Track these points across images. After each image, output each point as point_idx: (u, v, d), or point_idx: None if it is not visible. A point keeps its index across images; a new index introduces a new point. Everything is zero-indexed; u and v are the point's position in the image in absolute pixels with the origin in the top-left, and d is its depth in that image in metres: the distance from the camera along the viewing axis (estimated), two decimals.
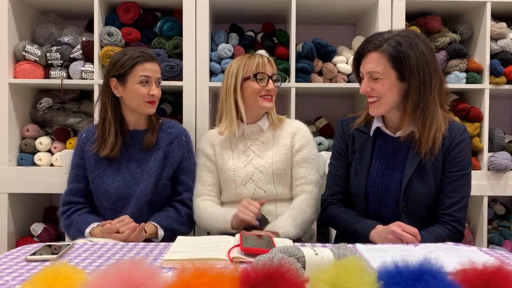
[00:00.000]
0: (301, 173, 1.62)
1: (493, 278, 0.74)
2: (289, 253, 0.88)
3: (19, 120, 2.15)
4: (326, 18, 2.37)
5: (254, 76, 1.60)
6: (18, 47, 2.08)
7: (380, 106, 1.35)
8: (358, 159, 1.43)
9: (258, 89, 1.60)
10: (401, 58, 1.28)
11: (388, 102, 1.33)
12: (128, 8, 2.09)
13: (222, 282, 0.68)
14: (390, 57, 1.29)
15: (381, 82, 1.31)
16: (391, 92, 1.32)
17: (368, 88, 1.34)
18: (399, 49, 1.28)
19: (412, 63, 1.27)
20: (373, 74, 1.32)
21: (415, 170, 1.34)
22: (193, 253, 1.02)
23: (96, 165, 1.62)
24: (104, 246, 1.14)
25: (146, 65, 1.59)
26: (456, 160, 1.35)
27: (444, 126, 1.34)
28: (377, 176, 1.40)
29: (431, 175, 1.35)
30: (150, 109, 1.62)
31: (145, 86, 1.59)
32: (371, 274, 0.74)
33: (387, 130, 1.41)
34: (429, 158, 1.33)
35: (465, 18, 2.27)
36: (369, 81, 1.34)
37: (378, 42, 1.32)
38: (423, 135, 1.31)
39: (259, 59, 1.62)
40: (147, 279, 0.69)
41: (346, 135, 1.50)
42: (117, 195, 1.59)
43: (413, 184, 1.34)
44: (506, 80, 2.11)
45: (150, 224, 1.54)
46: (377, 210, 1.40)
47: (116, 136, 1.60)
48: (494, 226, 2.34)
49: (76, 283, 0.73)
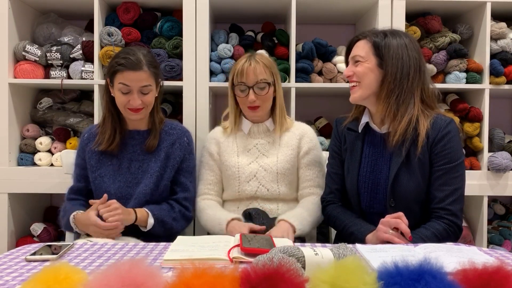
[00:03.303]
0: (309, 175, 1.64)
1: (493, 278, 0.74)
2: (289, 253, 0.88)
3: (19, 120, 2.15)
4: (326, 18, 2.37)
5: (232, 87, 1.63)
6: (18, 47, 2.08)
7: (359, 90, 1.39)
8: (349, 156, 1.47)
9: (240, 99, 1.61)
10: (383, 45, 1.35)
11: (366, 86, 1.37)
12: (128, 8, 2.09)
13: (222, 282, 0.68)
14: (373, 43, 1.37)
15: (361, 65, 1.38)
16: (369, 76, 1.37)
17: (350, 72, 1.40)
18: (382, 38, 1.37)
19: (392, 50, 1.34)
20: (356, 57, 1.39)
21: (401, 166, 1.34)
22: (193, 253, 1.02)
23: (97, 165, 1.62)
24: (104, 246, 1.14)
25: (126, 74, 1.50)
26: (443, 152, 1.34)
27: (424, 122, 1.34)
28: (367, 172, 1.42)
29: (418, 170, 1.34)
30: (133, 116, 1.57)
31: (125, 94, 1.52)
32: (371, 274, 0.74)
33: (375, 126, 1.44)
34: (414, 153, 1.33)
35: (465, 18, 2.27)
36: (352, 66, 1.41)
37: (367, 32, 1.41)
38: (393, 126, 1.35)
39: (242, 65, 1.58)
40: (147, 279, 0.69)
41: (340, 134, 1.54)
42: (117, 195, 1.59)
43: (401, 179, 1.35)
44: (506, 80, 2.11)
45: (142, 209, 1.54)
46: (369, 206, 1.41)
47: (114, 131, 1.61)
48: (494, 226, 2.34)
49: (76, 283, 0.73)
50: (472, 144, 2.17)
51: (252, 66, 1.58)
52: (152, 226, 1.53)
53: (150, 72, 1.54)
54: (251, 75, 1.57)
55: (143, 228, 1.53)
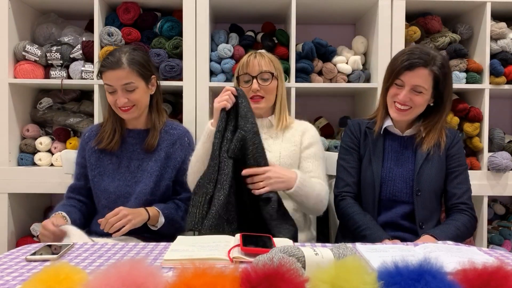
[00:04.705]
0: (309, 166, 1.63)
1: (493, 278, 0.74)
2: (289, 253, 0.88)
3: (19, 120, 2.15)
4: (326, 18, 2.37)
5: (237, 79, 1.64)
6: (18, 47, 2.08)
7: (409, 115, 1.52)
8: (372, 151, 1.59)
9: (244, 90, 1.61)
10: (442, 80, 1.48)
11: (417, 113, 1.53)
12: (128, 8, 2.09)
13: (223, 282, 0.68)
14: (435, 77, 1.47)
15: (421, 96, 1.48)
16: (423, 106, 1.52)
17: (408, 98, 1.49)
18: (443, 71, 1.48)
19: (448, 87, 1.51)
20: (418, 88, 1.47)
21: (424, 160, 1.53)
22: (193, 253, 1.02)
23: (97, 163, 1.63)
24: (104, 246, 1.14)
25: (107, 74, 1.53)
26: (457, 156, 1.56)
27: (444, 131, 1.58)
28: (391, 164, 1.57)
29: (437, 165, 1.54)
30: (124, 115, 1.58)
31: (112, 94, 1.55)
32: (371, 273, 0.74)
33: (397, 130, 1.59)
34: (435, 152, 1.53)
35: (465, 18, 2.27)
36: (411, 92, 1.48)
37: (427, 58, 1.47)
38: (427, 138, 1.54)
39: (247, 58, 1.64)
40: (148, 279, 0.69)
41: (357, 132, 1.65)
42: (117, 194, 1.59)
43: (424, 169, 1.53)
44: (506, 80, 2.11)
45: (153, 208, 1.54)
46: (392, 195, 1.55)
47: (113, 130, 1.61)
48: (494, 226, 2.34)
49: (76, 283, 0.73)
50: (472, 144, 2.17)
51: (257, 58, 1.62)
52: (162, 225, 1.53)
53: (131, 69, 1.54)
54: (256, 66, 1.61)
55: (153, 227, 1.53)
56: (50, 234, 1.38)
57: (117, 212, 1.42)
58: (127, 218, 1.42)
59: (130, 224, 1.42)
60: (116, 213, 1.42)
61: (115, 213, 1.42)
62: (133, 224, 1.43)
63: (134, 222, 1.43)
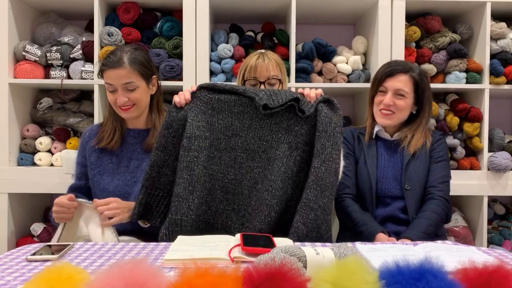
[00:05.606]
0: None
1: (493, 277, 0.74)
2: (291, 252, 0.88)
3: (19, 120, 2.15)
4: (326, 18, 2.37)
5: (243, 83, 1.62)
6: (18, 47, 2.08)
7: (393, 119, 1.68)
8: (367, 153, 1.73)
9: None
10: (422, 87, 1.66)
11: (400, 117, 1.69)
12: (128, 8, 2.09)
13: (225, 281, 0.68)
14: (415, 82, 1.66)
15: (404, 100, 1.65)
16: (407, 111, 1.68)
17: (392, 102, 1.65)
18: (422, 77, 1.68)
19: (426, 92, 1.68)
20: (400, 91, 1.64)
21: (410, 159, 1.67)
22: (194, 253, 1.02)
23: (97, 163, 1.62)
24: (105, 246, 1.14)
25: (108, 73, 1.53)
26: (436, 150, 1.71)
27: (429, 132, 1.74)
28: (384, 164, 1.71)
29: (423, 162, 1.68)
30: (124, 114, 1.58)
31: (112, 93, 1.55)
32: (372, 273, 0.74)
33: (386, 135, 1.75)
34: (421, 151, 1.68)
35: (465, 18, 2.27)
36: (394, 96, 1.65)
37: (406, 66, 1.67)
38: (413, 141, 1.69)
39: (255, 61, 1.60)
40: (150, 278, 0.69)
41: (350, 138, 1.78)
42: (116, 193, 1.58)
43: (410, 167, 1.67)
44: (506, 80, 2.12)
45: None
46: (387, 191, 1.67)
47: (113, 129, 1.61)
48: (494, 226, 2.35)
49: (78, 283, 0.73)
50: (472, 144, 2.17)
51: (266, 62, 1.60)
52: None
53: (132, 69, 1.54)
54: (264, 71, 1.59)
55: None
56: (65, 209, 1.39)
57: (108, 203, 1.42)
58: (115, 211, 1.41)
59: (117, 218, 1.41)
60: (106, 203, 1.42)
61: (106, 203, 1.42)
62: (120, 219, 1.42)
63: (121, 217, 1.42)
